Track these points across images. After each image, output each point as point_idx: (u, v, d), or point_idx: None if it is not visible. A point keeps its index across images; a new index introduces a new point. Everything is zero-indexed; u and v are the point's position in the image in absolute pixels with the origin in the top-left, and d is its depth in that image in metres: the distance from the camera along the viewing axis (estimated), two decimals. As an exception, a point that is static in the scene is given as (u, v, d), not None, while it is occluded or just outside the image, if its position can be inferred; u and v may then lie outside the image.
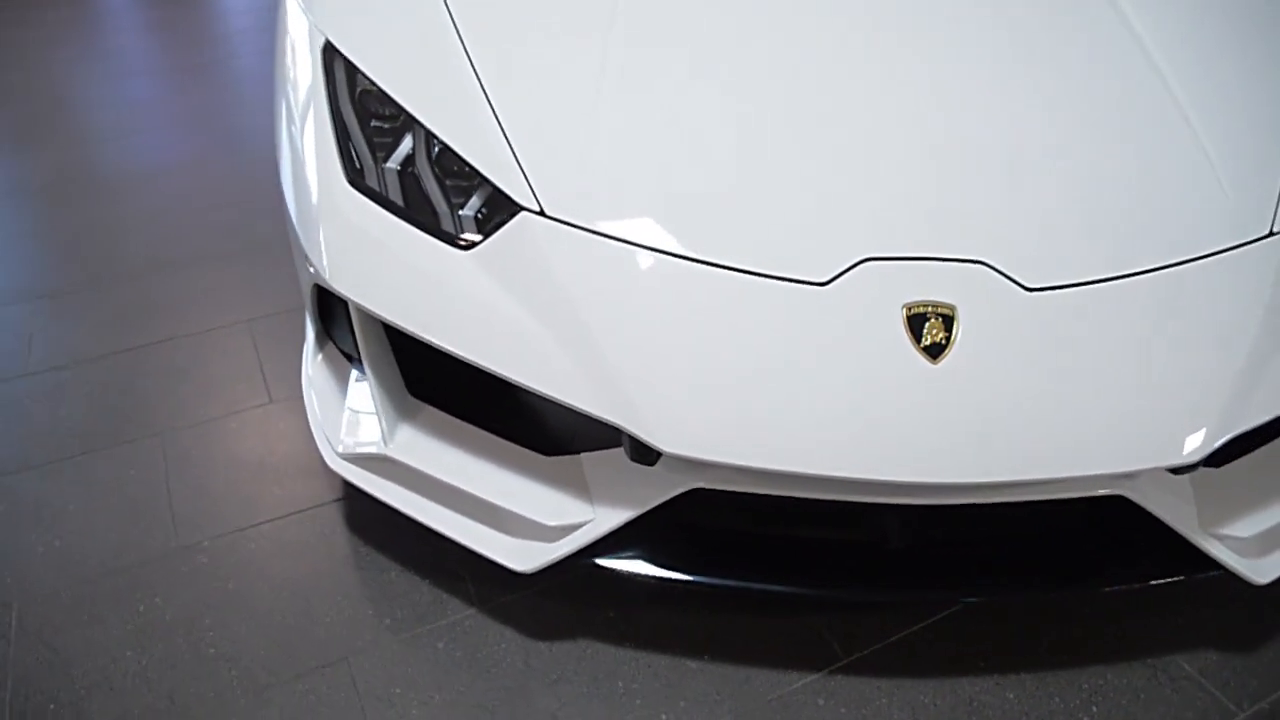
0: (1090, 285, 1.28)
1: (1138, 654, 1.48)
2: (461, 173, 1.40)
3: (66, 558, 1.58)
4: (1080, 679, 1.44)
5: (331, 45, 1.55)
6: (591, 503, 1.36)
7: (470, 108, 1.42)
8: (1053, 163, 1.39)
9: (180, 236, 2.47)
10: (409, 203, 1.40)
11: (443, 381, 1.52)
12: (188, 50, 3.75)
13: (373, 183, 1.43)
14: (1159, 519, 1.33)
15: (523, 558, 1.37)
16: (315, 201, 1.45)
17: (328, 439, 1.54)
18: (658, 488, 1.32)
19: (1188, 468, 1.29)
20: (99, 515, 1.66)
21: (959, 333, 1.24)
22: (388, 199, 1.40)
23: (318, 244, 1.42)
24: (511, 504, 1.39)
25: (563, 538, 1.36)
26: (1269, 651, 1.49)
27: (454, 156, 1.40)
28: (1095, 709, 1.40)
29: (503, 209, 1.35)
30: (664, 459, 1.27)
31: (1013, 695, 1.42)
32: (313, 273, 1.43)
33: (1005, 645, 1.48)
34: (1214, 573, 1.38)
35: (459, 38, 1.50)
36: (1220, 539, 1.38)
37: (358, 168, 1.44)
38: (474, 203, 1.38)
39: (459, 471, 1.43)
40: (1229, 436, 1.22)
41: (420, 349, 1.35)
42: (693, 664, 1.44)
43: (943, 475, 1.19)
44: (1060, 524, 1.45)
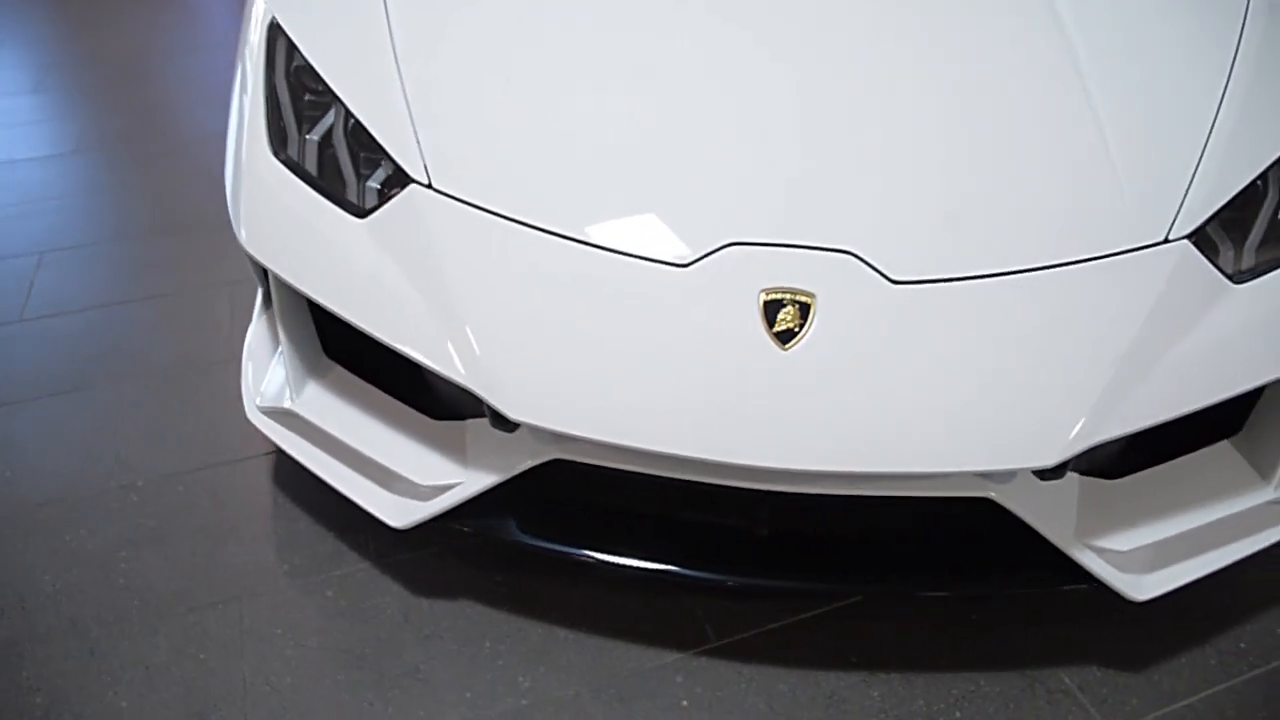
0: (962, 281, 1.26)
1: (1020, 663, 1.44)
2: (371, 147, 1.46)
3: (12, 487, 1.71)
4: (952, 683, 1.42)
5: (277, 23, 1.64)
6: (465, 466, 1.41)
7: (384, 87, 1.48)
8: (947, 158, 1.37)
9: (194, 203, 2.62)
10: (322, 173, 1.47)
11: (352, 344, 1.58)
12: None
13: (293, 153, 1.50)
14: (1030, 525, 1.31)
15: (398, 514, 1.43)
16: (241, 168, 1.54)
17: (250, 393, 1.64)
18: (521, 456, 1.36)
19: (1050, 474, 1.27)
20: (51, 452, 1.79)
21: (814, 321, 1.23)
22: (303, 168, 1.48)
23: (239, 209, 1.51)
24: (393, 462, 1.45)
25: (435, 497, 1.42)
26: (1155, 671, 1.43)
27: (364, 131, 1.47)
28: (959, 714, 1.38)
29: (398, 182, 1.41)
30: (525, 429, 1.31)
31: (877, 693, 1.40)
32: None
33: (881, 645, 1.47)
34: (1089, 585, 1.34)
35: (388, 23, 1.57)
36: (1097, 551, 1.34)
37: (282, 138, 1.53)
38: (379, 175, 1.44)
39: (352, 429, 1.50)
40: (1090, 445, 1.19)
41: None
42: (563, 633, 1.48)
43: (782, 461, 1.19)
44: (946, 526, 1.43)
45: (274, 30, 1.63)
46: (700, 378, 1.22)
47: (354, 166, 1.46)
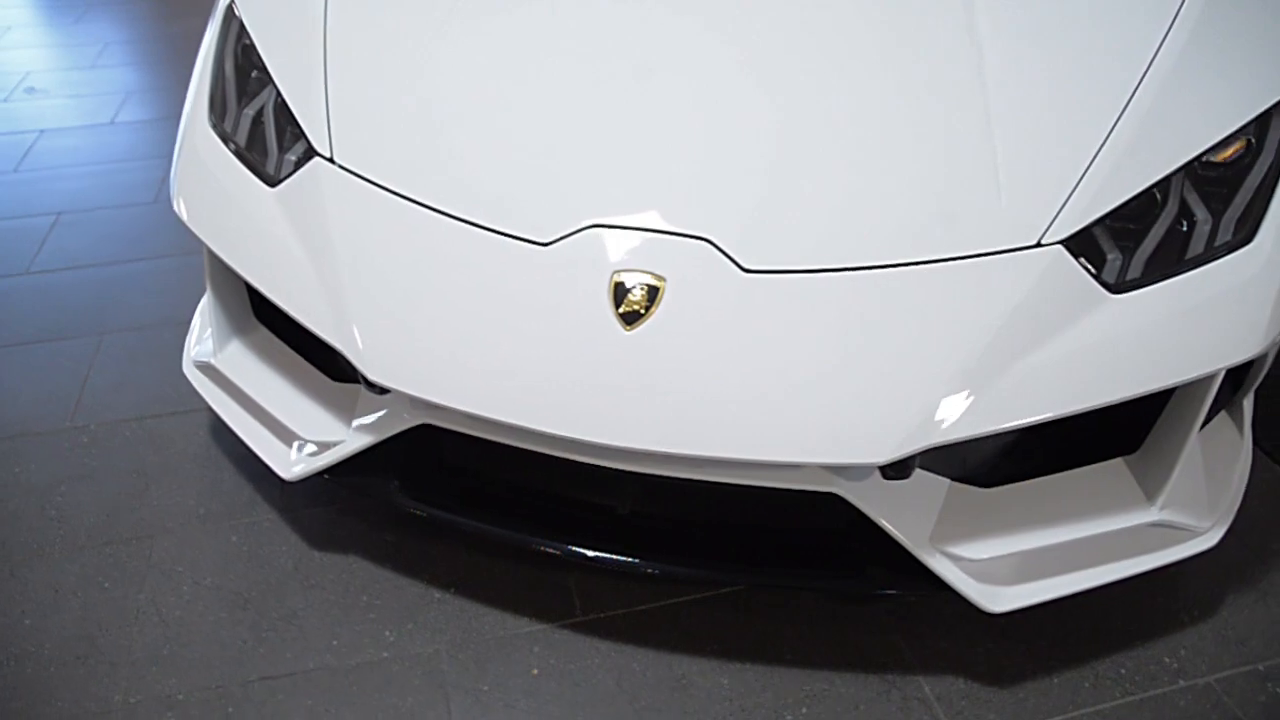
0: (815, 273, 1.26)
1: (883, 668, 1.43)
2: (294, 122, 1.55)
3: (-24, 422, 1.88)
4: (807, 680, 1.41)
5: (233, 4, 1.75)
6: (349, 427, 1.48)
7: (310, 68, 1.56)
8: (825, 154, 1.36)
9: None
10: (250, 145, 1.57)
11: (274, 306, 1.68)
12: None
13: (229, 125, 1.60)
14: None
15: (286, 466, 1.51)
16: (183, 137, 1.65)
17: (188, 349, 1.75)
18: (395, 419, 1.42)
19: (892, 473, 1.26)
20: (22, 392, 1.94)
21: (660, 304, 1.25)
22: (233, 139, 1.58)
23: (175, 174, 1.62)
24: (287, 418, 1.53)
25: (321, 453, 1.49)
26: (1023, 689, 1.39)
27: (287, 107, 1.56)
28: (805, 710, 1.37)
29: (310, 156, 1.49)
30: (398, 394, 1.37)
31: (727, 682, 1.41)
32: None
33: (746, 636, 1.47)
34: (944, 592, 1.31)
35: (325, 10, 1.64)
36: (952, 558, 1.31)
37: (222, 111, 1.63)
38: (297, 149, 1.52)
39: (259, 385, 1.59)
40: (926, 445, 1.18)
41: None
42: (439, 594, 1.53)
43: (614, 438, 1.21)
44: (809, 521, 1.42)
45: (230, 11, 1.74)
46: (547, 353, 1.26)
47: (278, 141, 1.55)
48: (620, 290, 1.27)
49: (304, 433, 1.50)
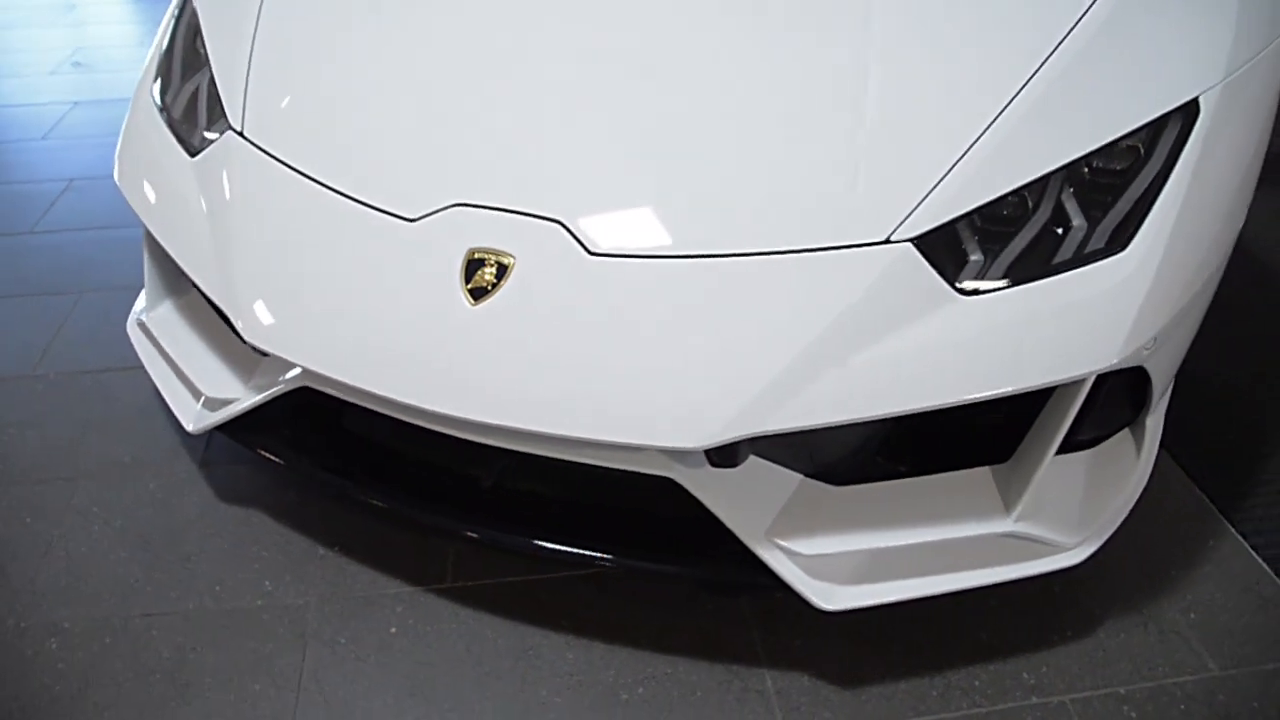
0: (658, 259, 1.28)
1: (732, 659, 1.43)
2: (219, 99, 1.64)
3: (-50, 365, 2.04)
4: (652, 663, 1.43)
5: (189, -15, 1.87)
6: (246, 386, 1.57)
7: (239, 49, 1.66)
8: (689, 144, 1.37)
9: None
10: (183, 118, 1.67)
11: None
12: None
13: (169, 98, 1.71)
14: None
15: (191, 420, 1.60)
16: (131, 108, 1.76)
17: (136, 308, 1.87)
18: (280, 381, 1.50)
19: (719, 460, 1.27)
20: (-1, 340, 2.12)
21: (508, 282, 1.29)
22: (169, 112, 1.68)
23: (119, 142, 1.74)
24: (195, 376, 1.62)
25: (220, 409, 1.58)
26: (868, 692, 1.39)
27: (216, 85, 1.65)
28: (641, 691, 1.39)
29: (225, 130, 1.58)
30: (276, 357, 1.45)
31: (572, 657, 1.44)
32: None
33: (604, 616, 1.50)
34: (775, 585, 1.32)
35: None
36: (786, 552, 1.31)
37: (166, 85, 1.74)
38: (220, 124, 1.62)
39: (178, 343, 1.69)
40: (745, 434, 1.18)
41: None
42: (323, 551, 1.60)
43: (449, 407, 1.26)
44: (668, 508, 1.43)
45: (186, -5, 1.85)
46: (402, 323, 1.31)
47: (207, 115, 1.64)
48: (472, 266, 1.31)
49: (208, 390, 1.59)
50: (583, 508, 1.46)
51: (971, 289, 1.26)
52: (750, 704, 1.38)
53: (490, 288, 1.29)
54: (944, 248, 1.28)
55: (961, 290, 1.25)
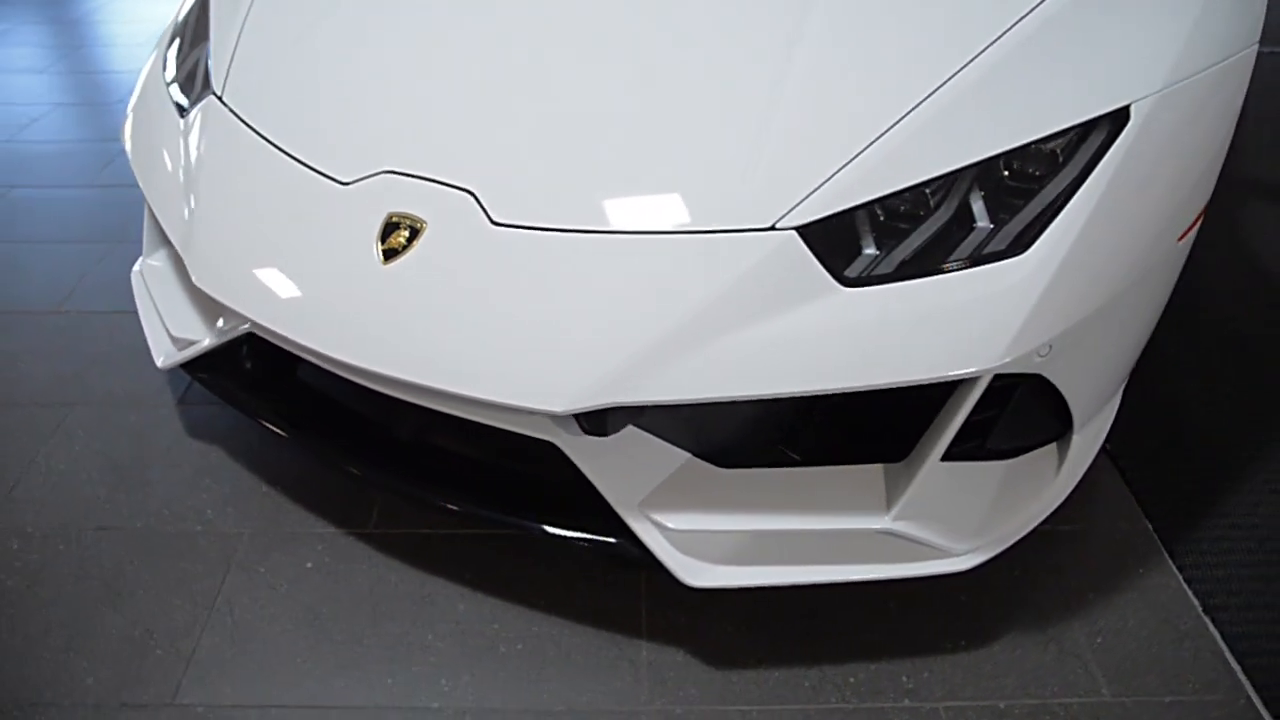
0: (555, 232, 1.33)
1: (614, 629, 1.47)
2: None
3: (-10, 296, 2.27)
4: (536, 623, 1.48)
5: (201, -25, 2.03)
6: (208, 329, 1.70)
7: (234, 24, 1.80)
8: (604, 122, 1.42)
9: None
10: (184, 84, 1.83)
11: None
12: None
13: (177, 63, 1.87)
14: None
15: (162, 356, 1.75)
16: (145, 72, 1.93)
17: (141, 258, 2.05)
18: (234, 325, 1.62)
19: (589, 428, 1.31)
20: (33, 279, 2.31)
21: (418, 244, 1.37)
22: (176, 78, 1.84)
23: (131, 103, 1.91)
24: (169, 319, 1.77)
25: (185, 349, 1.72)
26: (740, 674, 1.41)
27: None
28: (520, 647, 1.45)
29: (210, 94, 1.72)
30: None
31: (463, 608, 1.51)
32: None
33: (504, 575, 1.56)
34: (642, 556, 1.35)
35: None
36: (656, 525, 1.35)
37: (179, 52, 1.90)
38: (210, 89, 1.76)
39: (163, 289, 1.84)
40: (603, 403, 1.22)
41: None
42: (266, 489, 1.72)
43: (349, 356, 1.34)
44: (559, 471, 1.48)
45: (198, -21, 2.02)
46: (324, 276, 1.41)
47: (203, 82, 1.79)
48: (390, 229, 1.39)
49: (176, 331, 1.73)
50: (485, 467, 1.53)
51: (856, 280, 1.26)
52: (621, 672, 1.41)
53: (401, 249, 1.37)
54: (834, 238, 1.29)
55: (847, 281, 1.26)
